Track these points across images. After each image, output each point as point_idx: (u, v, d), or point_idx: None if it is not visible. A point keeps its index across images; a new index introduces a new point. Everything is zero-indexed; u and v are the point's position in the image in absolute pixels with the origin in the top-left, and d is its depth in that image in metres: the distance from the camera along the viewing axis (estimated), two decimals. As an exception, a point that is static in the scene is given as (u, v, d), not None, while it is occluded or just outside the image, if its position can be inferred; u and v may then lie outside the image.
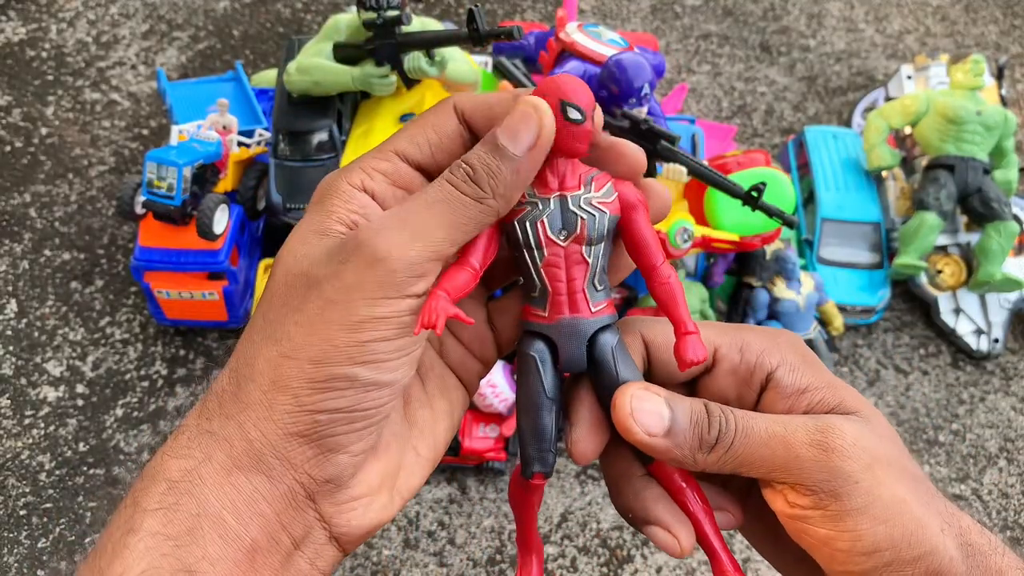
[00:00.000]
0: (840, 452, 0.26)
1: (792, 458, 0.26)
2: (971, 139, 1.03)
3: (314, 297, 0.25)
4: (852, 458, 0.26)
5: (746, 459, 0.27)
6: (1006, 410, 1.03)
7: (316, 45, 0.90)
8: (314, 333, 0.25)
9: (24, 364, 0.94)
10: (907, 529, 0.26)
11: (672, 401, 0.27)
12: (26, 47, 1.23)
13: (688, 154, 0.79)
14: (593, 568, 0.84)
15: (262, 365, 0.26)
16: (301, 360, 0.25)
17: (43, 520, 0.83)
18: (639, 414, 0.27)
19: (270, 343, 0.26)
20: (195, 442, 0.26)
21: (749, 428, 0.27)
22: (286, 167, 0.91)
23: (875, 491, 0.26)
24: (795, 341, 0.29)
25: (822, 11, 1.46)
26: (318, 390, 0.25)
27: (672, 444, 0.27)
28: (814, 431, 0.26)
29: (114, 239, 1.04)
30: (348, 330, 0.25)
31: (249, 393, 0.26)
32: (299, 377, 0.25)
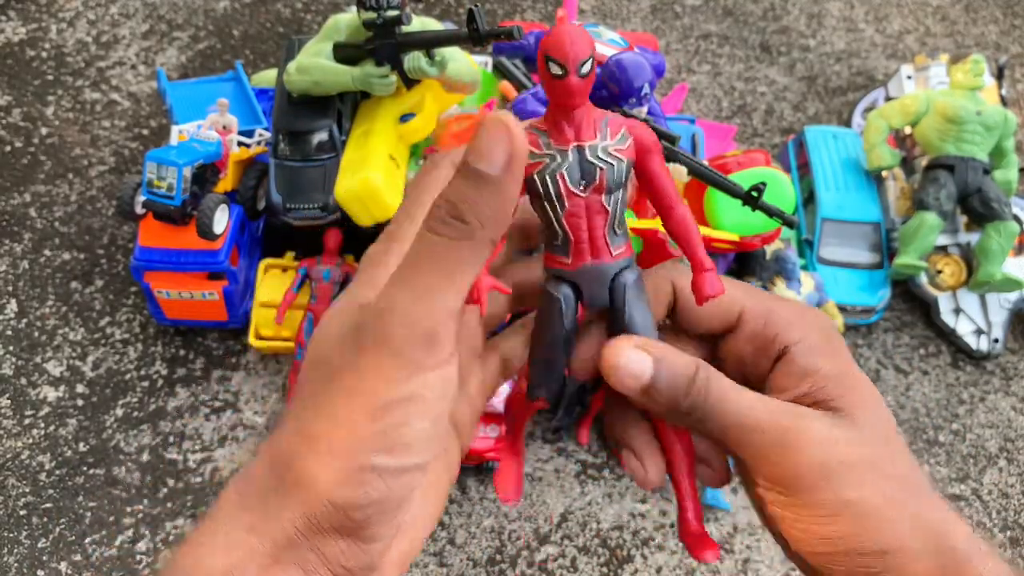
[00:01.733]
0: (797, 451, 0.26)
1: (756, 446, 0.27)
2: (971, 139, 1.03)
3: (336, 389, 0.25)
4: (807, 462, 0.26)
5: (716, 433, 0.27)
6: (1006, 410, 1.03)
7: (316, 45, 0.90)
8: (340, 427, 0.24)
9: (24, 364, 0.94)
10: (862, 527, 0.26)
11: (662, 359, 0.27)
12: (26, 47, 1.23)
13: (688, 154, 0.79)
14: (593, 568, 0.84)
15: (296, 462, 0.25)
16: (332, 455, 0.24)
17: (43, 520, 0.84)
18: (622, 367, 0.27)
19: (301, 438, 0.25)
20: (234, 537, 0.25)
21: (723, 408, 0.27)
22: (286, 167, 0.91)
23: (829, 493, 0.26)
24: (823, 322, 0.29)
25: (822, 11, 1.46)
26: (348, 485, 0.24)
27: (648, 400, 0.27)
28: (782, 430, 0.27)
29: (114, 239, 1.04)
30: (370, 418, 0.24)
31: (286, 490, 0.25)
32: (329, 475, 0.24)
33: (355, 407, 0.24)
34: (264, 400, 0.94)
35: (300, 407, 0.26)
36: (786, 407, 0.28)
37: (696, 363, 0.28)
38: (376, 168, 0.86)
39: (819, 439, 0.26)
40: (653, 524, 0.88)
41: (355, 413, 0.24)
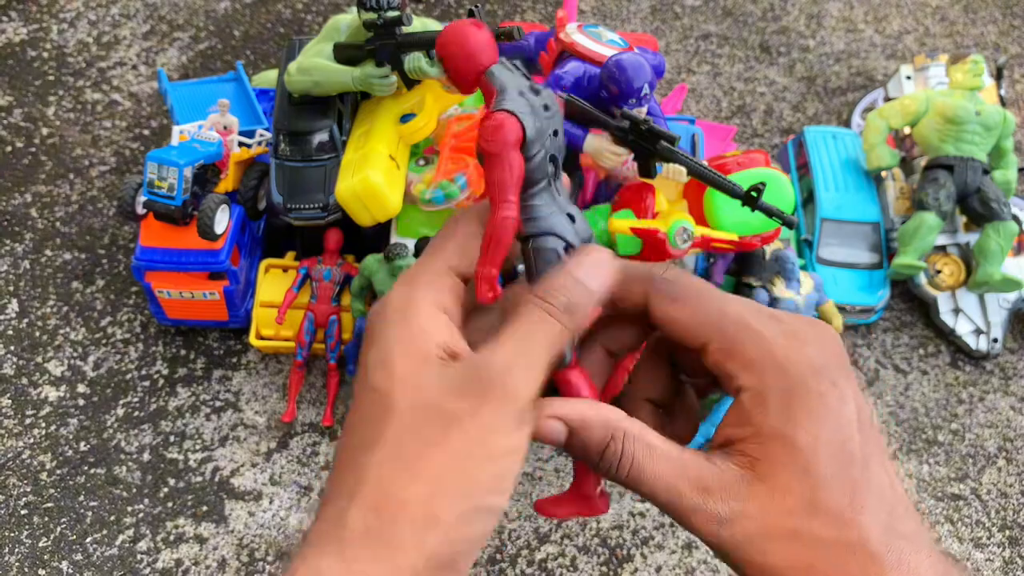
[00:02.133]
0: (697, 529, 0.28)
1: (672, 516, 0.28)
2: (970, 139, 1.03)
3: (456, 434, 0.26)
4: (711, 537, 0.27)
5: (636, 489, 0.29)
6: (1005, 410, 1.03)
7: (317, 45, 0.90)
8: (462, 470, 0.26)
9: (25, 364, 0.94)
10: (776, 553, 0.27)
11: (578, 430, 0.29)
12: (27, 47, 1.23)
13: (688, 154, 0.80)
14: (593, 567, 0.85)
15: (412, 502, 0.26)
16: (452, 496, 0.26)
17: (44, 519, 0.84)
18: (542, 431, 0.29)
19: (415, 480, 0.26)
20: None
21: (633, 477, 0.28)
22: (287, 167, 0.91)
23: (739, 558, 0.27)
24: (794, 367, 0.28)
25: (821, 11, 1.46)
26: (464, 523, 0.26)
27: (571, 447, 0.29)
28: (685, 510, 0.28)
29: (115, 239, 1.04)
30: (488, 461, 0.27)
31: (401, 531, 0.26)
32: (450, 512, 0.26)
33: (476, 454, 0.27)
34: (265, 400, 0.94)
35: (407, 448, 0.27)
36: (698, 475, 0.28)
37: (609, 437, 0.28)
38: (376, 168, 0.86)
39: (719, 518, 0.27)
40: (653, 523, 0.88)
41: (476, 460, 0.27)
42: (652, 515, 0.89)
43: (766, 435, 0.27)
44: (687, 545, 0.87)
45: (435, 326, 0.28)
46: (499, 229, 0.29)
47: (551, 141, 0.30)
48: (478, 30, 0.30)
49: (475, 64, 0.30)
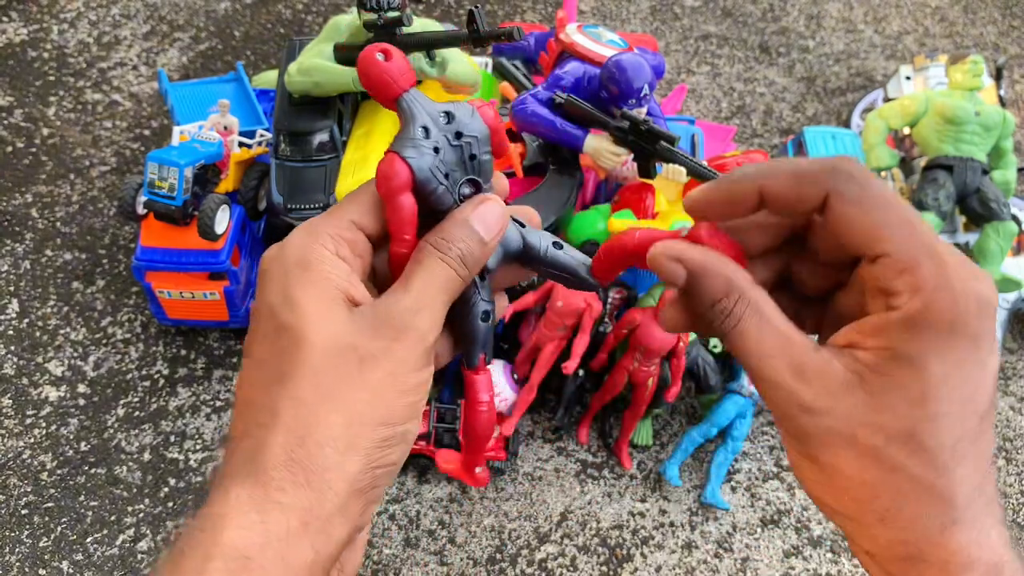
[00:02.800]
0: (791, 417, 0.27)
1: (763, 389, 0.28)
2: (970, 140, 1.03)
3: (372, 370, 0.29)
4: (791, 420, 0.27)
5: (734, 350, 0.29)
6: (1005, 410, 1.03)
7: (317, 46, 0.91)
8: (379, 400, 0.29)
9: (26, 364, 0.94)
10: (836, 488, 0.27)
11: (697, 274, 0.28)
12: (27, 48, 1.24)
13: (687, 154, 0.80)
14: (593, 567, 0.85)
15: (335, 431, 0.28)
16: (371, 424, 0.29)
17: (44, 519, 0.84)
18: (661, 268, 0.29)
19: (335, 411, 0.28)
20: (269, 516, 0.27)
21: (739, 342, 0.28)
22: (287, 167, 0.91)
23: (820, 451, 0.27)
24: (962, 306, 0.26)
25: (821, 12, 1.46)
26: (382, 448, 0.29)
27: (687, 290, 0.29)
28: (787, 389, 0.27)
29: (115, 239, 1.05)
30: (403, 394, 0.29)
31: (326, 457, 0.28)
32: (370, 438, 0.29)
33: (392, 386, 0.29)
34: (265, 400, 0.94)
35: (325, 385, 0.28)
36: (799, 359, 0.27)
37: (726, 290, 0.28)
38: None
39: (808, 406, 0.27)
40: (653, 523, 0.88)
41: (392, 392, 0.29)
42: (652, 515, 0.89)
43: (898, 355, 0.26)
44: (687, 545, 0.87)
45: (337, 273, 0.30)
46: (396, 260, 0.32)
47: (468, 166, 0.32)
48: (383, 62, 0.31)
49: (384, 94, 0.31)
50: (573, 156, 0.89)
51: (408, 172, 0.30)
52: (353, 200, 0.32)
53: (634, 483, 0.91)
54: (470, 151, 0.32)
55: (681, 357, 0.86)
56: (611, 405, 0.93)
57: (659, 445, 0.95)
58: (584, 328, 0.86)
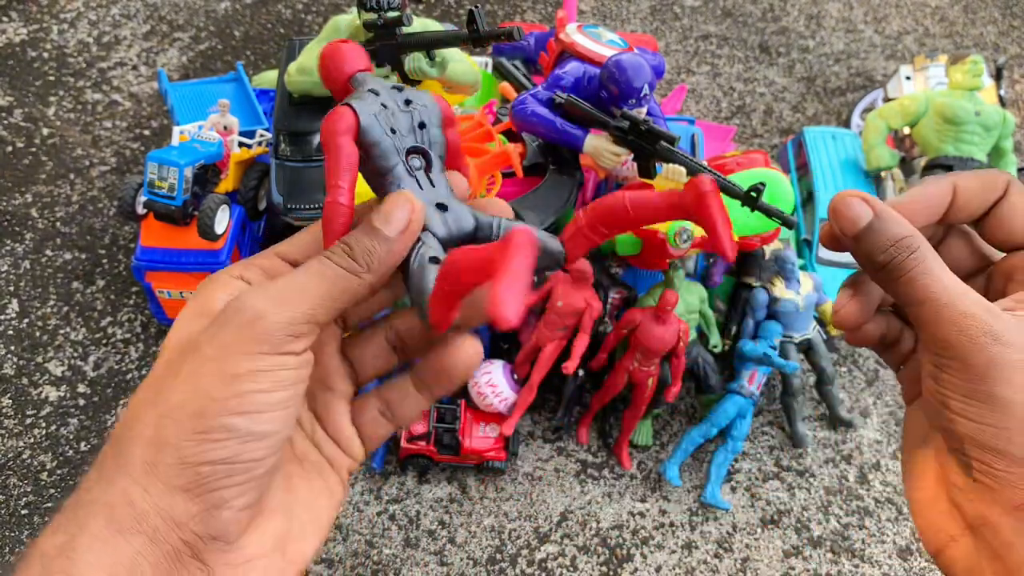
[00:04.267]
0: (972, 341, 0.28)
1: (934, 321, 0.28)
2: (970, 140, 1.03)
3: (192, 358, 0.27)
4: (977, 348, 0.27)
5: (903, 295, 0.29)
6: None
7: (317, 46, 0.91)
8: (192, 388, 0.26)
9: (26, 364, 0.94)
10: (1000, 423, 0.27)
11: (880, 214, 0.30)
12: (27, 48, 1.24)
13: (687, 154, 0.80)
14: (593, 567, 0.85)
15: (142, 427, 0.26)
16: (181, 416, 0.26)
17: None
18: (845, 210, 0.30)
19: (150, 406, 0.27)
20: (70, 515, 0.26)
21: (918, 274, 0.29)
22: (287, 167, 0.91)
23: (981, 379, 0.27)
24: None
25: (821, 12, 1.46)
26: (198, 441, 0.26)
27: (858, 247, 0.30)
28: (966, 316, 0.28)
29: (115, 239, 1.04)
30: (226, 383, 0.26)
31: (130, 454, 0.26)
32: (180, 431, 0.26)
33: (209, 372, 0.27)
34: (265, 400, 0.94)
35: (153, 385, 0.28)
36: (982, 301, 0.28)
37: (911, 232, 0.29)
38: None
39: (997, 334, 0.27)
40: (652, 523, 0.88)
41: (209, 378, 0.26)
42: (652, 515, 0.89)
43: None
44: (687, 545, 0.87)
45: (221, 288, 0.29)
46: (327, 211, 0.30)
47: (417, 134, 0.32)
48: (346, 44, 0.33)
49: (340, 74, 0.32)
50: (573, 156, 0.89)
51: (352, 115, 0.30)
52: (288, 240, 0.32)
53: (634, 483, 0.91)
54: (419, 118, 0.32)
55: (681, 357, 0.86)
56: (611, 405, 0.93)
57: (659, 445, 0.95)
58: (584, 328, 0.86)
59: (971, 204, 0.32)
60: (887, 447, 0.97)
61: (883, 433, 0.98)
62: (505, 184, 0.92)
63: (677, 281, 0.87)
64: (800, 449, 0.95)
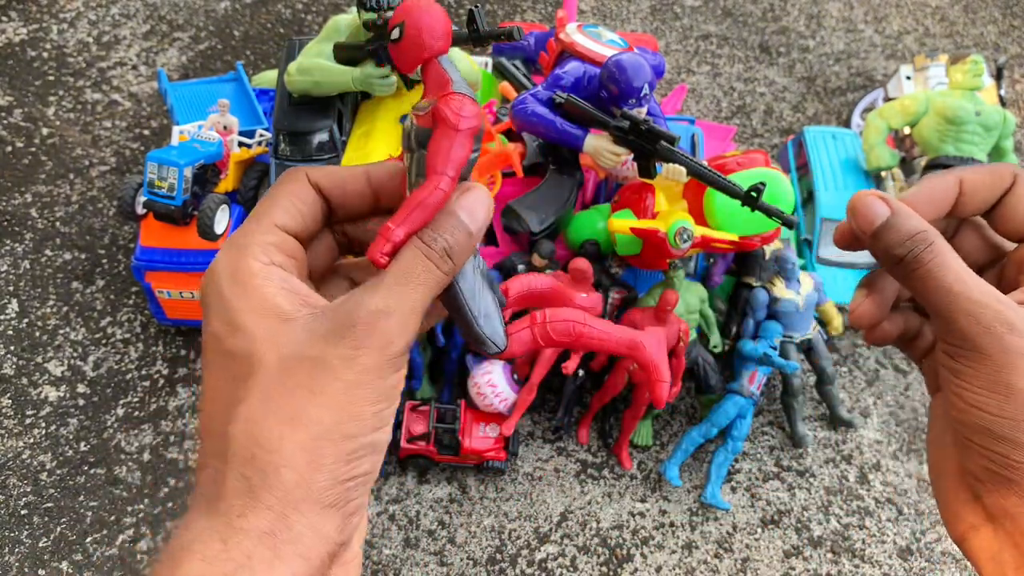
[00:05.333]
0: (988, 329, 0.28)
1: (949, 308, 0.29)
2: (970, 139, 1.03)
3: (332, 380, 0.27)
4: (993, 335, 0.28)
5: (920, 288, 0.30)
6: (1005, 410, 1.03)
7: (317, 46, 0.90)
8: (342, 412, 0.27)
9: (25, 364, 0.94)
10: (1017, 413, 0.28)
11: (898, 211, 0.31)
12: (27, 47, 1.23)
13: (687, 154, 0.80)
14: (593, 567, 0.85)
15: (292, 449, 0.27)
16: (336, 438, 0.27)
17: (44, 519, 0.84)
18: (863, 207, 0.31)
19: (293, 426, 0.27)
20: (232, 544, 0.26)
21: (936, 266, 0.30)
22: (287, 167, 0.91)
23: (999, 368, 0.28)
24: None
25: (821, 12, 1.46)
26: (349, 461, 0.27)
27: (875, 243, 0.31)
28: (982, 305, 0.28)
29: (115, 239, 1.04)
30: (372, 404, 0.28)
31: (284, 480, 0.26)
32: (336, 452, 0.27)
33: (358, 397, 0.27)
34: (265, 400, 0.94)
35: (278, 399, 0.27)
36: (997, 293, 0.29)
37: (926, 227, 0.30)
38: (376, 168, 0.86)
39: (1012, 324, 0.28)
40: (653, 523, 0.88)
41: (358, 403, 0.27)
42: (652, 515, 0.89)
43: None
44: (687, 545, 0.87)
45: (273, 283, 0.28)
46: (431, 196, 0.29)
47: None
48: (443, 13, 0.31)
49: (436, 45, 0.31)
50: (573, 156, 0.89)
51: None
52: (272, 204, 0.30)
53: (634, 483, 0.91)
54: None
55: (681, 357, 0.86)
56: (611, 405, 0.93)
57: (659, 445, 0.94)
58: (584, 328, 0.86)
59: (978, 197, 0.32)
60: (887, 447, 0.97)
61: (883, 433, 0.98)
62: (505, 184, 0.92)
63: (677, 281, 0.87)
64: (800, 449, 0.95)
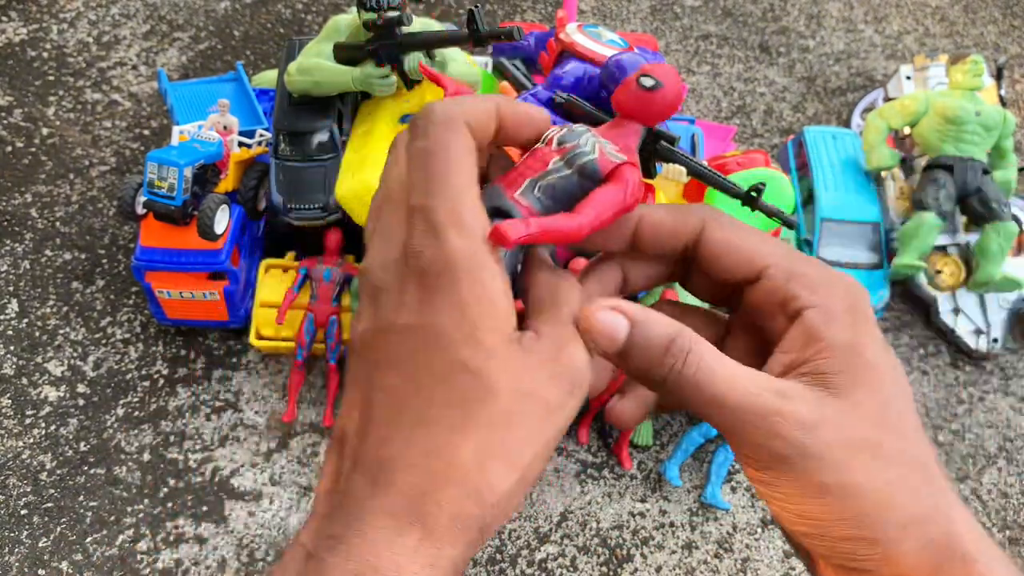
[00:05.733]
0: (777, 436, 0.25)
1: (734, 426, 0.26)
2: (970, 139, 1.03)
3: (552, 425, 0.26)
4: (787, 446, 0.25)
5: (693, 406, 0.27)
6: (1005, 410, 1.03)
7: (316, 46, 0.90)
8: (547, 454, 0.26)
9: (25, 364, 0.94)
10: (842, 511, 0.25)
11: (639, 323, 0.27)
12: (27, 47, 1.23)
13: (687, 154, 0.79)
14: (593, 567, 0.85)
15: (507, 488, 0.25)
16: (533, 480, 0.26)
17: (44, 520, 0.84)
18: (596, 328, 0.27)
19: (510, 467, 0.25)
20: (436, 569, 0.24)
21: (701, 381, 0.26)
22: (287, 167, 0.91)
23: (809, 476, 0.25)
24: (851, 289, 0.28)
25: (821, 12, 1.46)
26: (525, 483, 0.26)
27: (624, 364, 0.27)
28: (763, 412, 0.26)
29: (115, 239, 1.04)
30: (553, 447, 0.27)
31: (492, 516, 0.25)
32: (525, 493, 0.26)
33: (555, 440, 0.26)
34: (265, 400, 0.94)
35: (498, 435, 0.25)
36: (773, 385, 0.26)
37: (677, 331, 0.26)
38: (376, 169, 0.86)
39: (803, 422, 0.25)
40: (653, 523, 0.88)
41: (554, 445, 0.26)
42: (652, 515, 0.89)
43: (838, 347, 0.26)
44: (687, 545, 0.87)
45: (498, 280, 0.25)
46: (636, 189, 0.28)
47: None
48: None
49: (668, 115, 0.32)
50: (573, 156, 0.89)
51: None
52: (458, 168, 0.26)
53: (634, 483, 0.91)
54: None
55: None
56: (611, 405, 0.93)
57: (659, 445, 0.94)
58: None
59: (660, 237, 0.30)
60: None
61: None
62: (505, 184, 0.92)
63: (677, 281, 0.87)
64: (800, 449, 0.95)
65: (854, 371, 0.26)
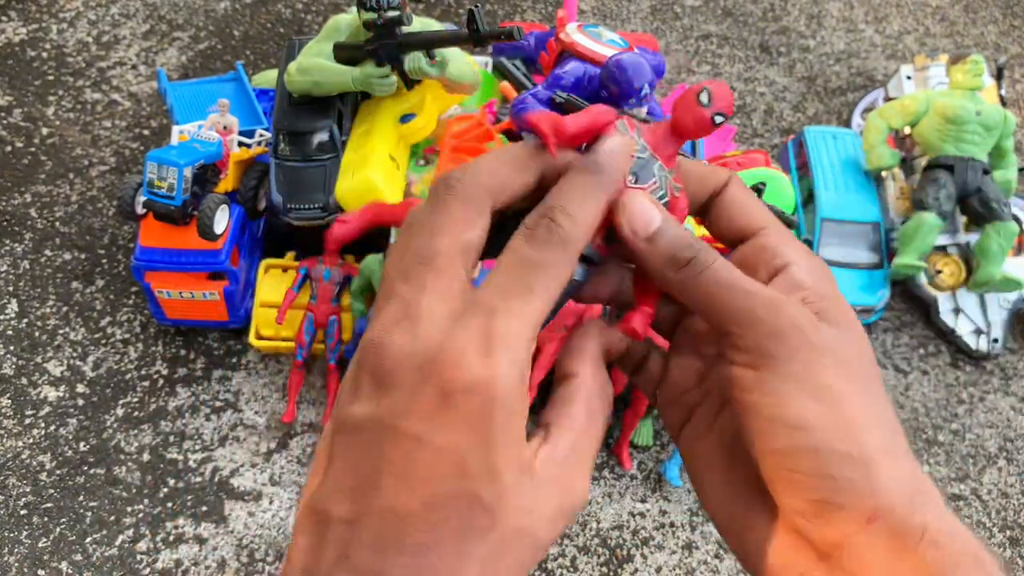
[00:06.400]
0: (792, 319, 0.26)
1: (743, 308, 0.26)
2: (970, 139, 1.03)
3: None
4: (801, 330, 0.26)
5: (703, 297, 0.27)
6: (1005, 410, 1.03)
7: (316, 45, 0.90)
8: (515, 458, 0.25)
9: (25, 364, 0.94)
10: (841, 419, 0.25)
11: (670, 218, 0.29)
12: (27, 47, 1.23)
13: (687, 154, 0.80)
14: (593, 568, 0.85)
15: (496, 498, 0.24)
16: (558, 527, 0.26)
17: (44, 520, 0.84)
18: (634, 211, 0.28)
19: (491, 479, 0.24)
20: None
21: (719, 269, 0.27)
22: (287, 167, 0.91)
23: (815, 369, 0.26)
24: (823, 266, 0.30)
25: (822, 11, 1.46)
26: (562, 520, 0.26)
27: (650, 250, 0.28)
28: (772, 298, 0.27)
29: (115, 239, 1.04)
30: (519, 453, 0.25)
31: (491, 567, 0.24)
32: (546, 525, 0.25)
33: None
34: (264, 400, 0.94)
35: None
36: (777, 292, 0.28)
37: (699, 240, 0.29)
38: (376, 168, 0.86)
39: (811, 318, 0.26)
40: (653, 523, 0.88)
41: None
42: (652, 515, 0.89)
43: (822, 293, 0.28)
44: (687, 545, 0.87)
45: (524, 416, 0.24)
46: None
47: None
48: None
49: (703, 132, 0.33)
50: (573, 156, 0.89)
51: None
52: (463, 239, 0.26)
53: (634, 483, 0.91)
54: None
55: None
56: (611, 405, 0.93)
57: (659, 445, 0.94)
58: (584, 328, 0.86)
59: (692, 184, 0.32)
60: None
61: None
62: (505, 184, 0.92)
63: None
64: (800, 449, 0.95)
65: (837, 311, 0.28)
